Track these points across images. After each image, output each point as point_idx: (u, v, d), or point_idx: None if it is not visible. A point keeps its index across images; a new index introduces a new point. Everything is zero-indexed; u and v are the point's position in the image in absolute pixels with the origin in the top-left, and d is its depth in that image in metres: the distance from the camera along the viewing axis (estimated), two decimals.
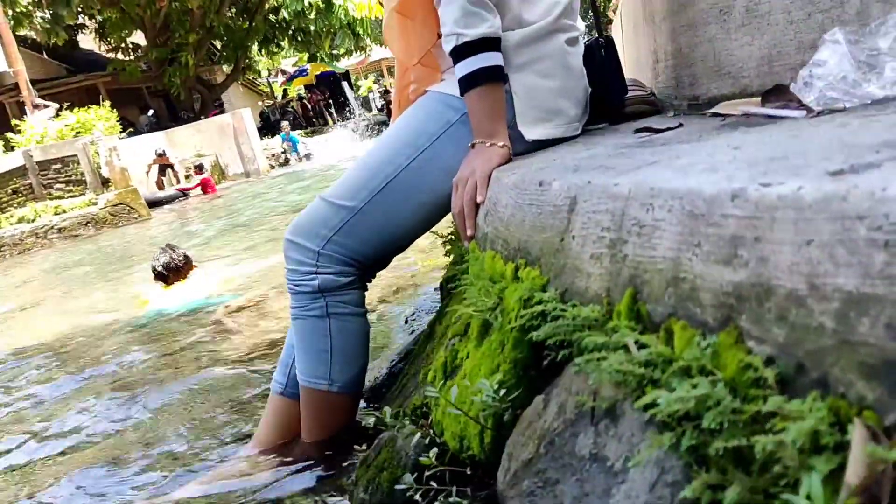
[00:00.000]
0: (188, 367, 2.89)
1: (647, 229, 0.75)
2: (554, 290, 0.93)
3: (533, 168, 1.20)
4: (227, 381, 2.57)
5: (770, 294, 0.57)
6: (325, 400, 1.60)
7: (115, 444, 2.22)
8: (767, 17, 1.19)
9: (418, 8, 1.51)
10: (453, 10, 1.38)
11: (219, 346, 3.12)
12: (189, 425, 2.23)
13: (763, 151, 0.75)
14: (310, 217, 1.55)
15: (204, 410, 2.35)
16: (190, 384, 2.65)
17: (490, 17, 1.40)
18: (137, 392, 2.68)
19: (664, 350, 0.67)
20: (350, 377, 1.59)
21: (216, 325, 3.51)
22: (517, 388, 0.98)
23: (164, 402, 2.54)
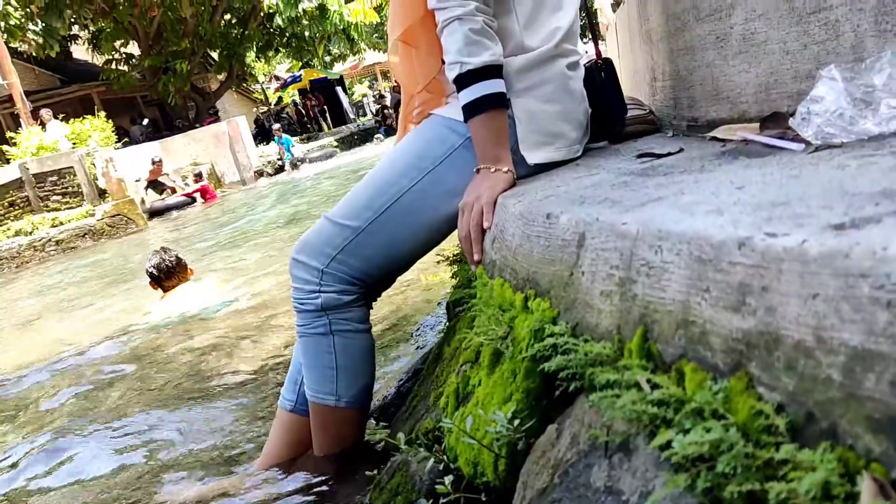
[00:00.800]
0: (191, 381, 2.91)
1: (655, 271, 0.78)
2: (565, 324, 0.96)
3: (538, 196, 1.23)
4: (234, 396, 2.59)
5: (778, 343, 0.60)
6: (333, 415, 1.63)
7: (119, 465, 2.24)
8: (763, 46, 1.22)
9: (422, 37, 1.54)
10: (456, 39, 1.42)
11: (222, 361, 3.14)
12: (196, 441, 2.26)
13: (766, 194, 0.78)
14: (314, 236, 1.59)
15: (211, 426, 2.38)
16: (193, 400, 2.68)
17: (492, 46, 1.43)
18: (140, 408, 2.71)
19: (677, 391, 0.70)
20: (356, 392, 1.63)
21: (218, 337, 3.54)
22: (530, 418, 1.01)
23: (168, 417, 2.56)
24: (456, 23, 1.41)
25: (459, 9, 1.41)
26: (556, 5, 1.56)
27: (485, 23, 1.43)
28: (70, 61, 21.29)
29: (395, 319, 2.88)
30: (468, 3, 1.41)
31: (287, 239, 7.15)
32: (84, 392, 3.16)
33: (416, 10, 1.51)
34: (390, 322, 2.88)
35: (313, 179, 13.75)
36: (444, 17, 1.43)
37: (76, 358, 3.83)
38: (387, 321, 2.88)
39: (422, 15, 1.51)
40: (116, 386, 3.12)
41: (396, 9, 1.56)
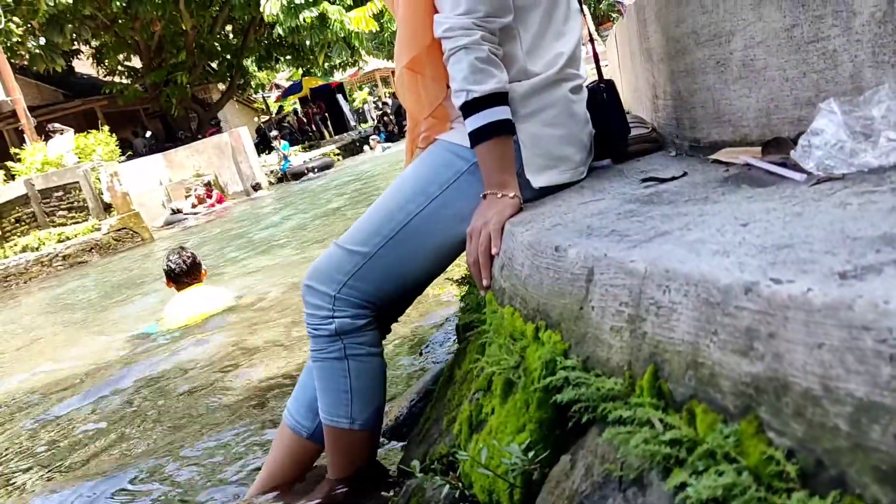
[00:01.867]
0: (194, 399, 2.94)
1: (664, 310, 0.80)
2: (576, 357, 0.98)
3: (546, 225, 1.25)
4: (235, 411, 2.62)
5: (787, 390, 0.62)
6: (348, 437, 1.65)
7: (124, 481, 2.26)
8: (763, 72, 1.24)
9: (427, 65, 1.56)
10: (462, 67, 1.44)
11: (231, 374, 3.17)
12: (198, 460, 2.28)
13: (770, 234, 0.80)
14: (325, 262, 1.61)
15: (214, 442, 2.40)
16: (197, 415, 2.70)
17: (498, 73, 1.46)
18: (147, 424, 2.73)
19: (689, 432, 0.72)
20: (369, 415, 1.65)
21: (225, 349, 3.57)
22: (544, 449, 1.03)
23: (174, 433, 2.59)
24: (462, 52, 1.44)
25: (465, 38, 1.43)
26: (558, 32, 1.58)
27: (490, 51, 1.45)
28: (72, 76, 21.38)
29: (403, 335, 2.91)
30: (474, 32, 1.43)
31: (295, 245, 7.21)
32: (87, 410, 3.19)
33: (423, 38, 1.54)
34: (399, 337, 2.90)
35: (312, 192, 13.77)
36: (451, 47, 1.45)
37: (83, 376, 3.86)
38: (396, 336, 2.90)
39: (428, 43, 1.53)
40: (122, 404, 3.14)
41: (403, 38, 1.58)
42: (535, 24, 1.55)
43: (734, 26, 1.29)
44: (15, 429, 3.32)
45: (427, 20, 1.51)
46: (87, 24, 18.72)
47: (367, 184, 12.49)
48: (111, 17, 18.84)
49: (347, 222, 7.73)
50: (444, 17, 1.46)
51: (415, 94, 1.62)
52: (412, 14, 1.54)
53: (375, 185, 11.83)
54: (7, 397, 4.00)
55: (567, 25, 1.61)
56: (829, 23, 1.09)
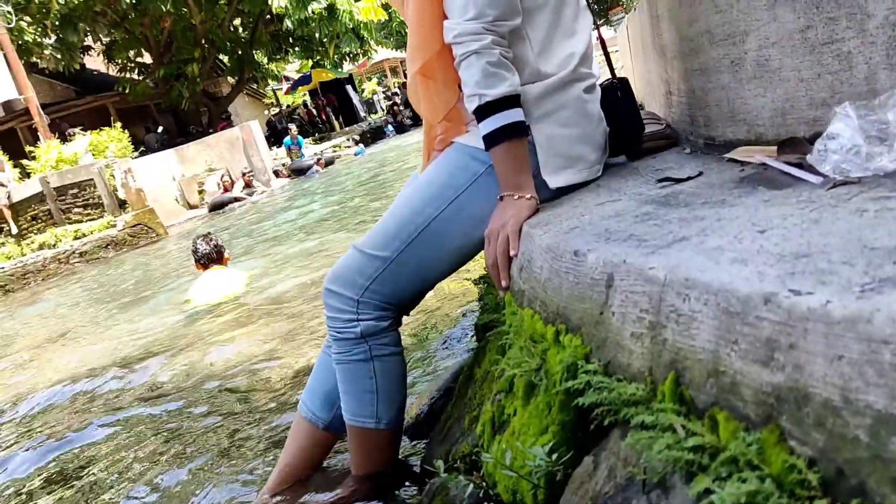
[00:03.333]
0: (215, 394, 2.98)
1: (684, 318, 0.82)
2: (597, 362, 1.00)
3: (564, 228, 1.27)
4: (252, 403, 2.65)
5: (808, 400, 0.64)
6: (374, 437, 1.68)
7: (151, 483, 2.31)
8: (778, 72, 1.25)
9: (438, 70, 1.58)
10: (474, 72, 1.46)
11: (257, 373, 3.21)
12: (213, 453, 2.32)
13: (788, 242, 0.81)
14: (346, 266, 1.63)
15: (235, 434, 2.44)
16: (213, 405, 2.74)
17: (510, 76, 1.47)
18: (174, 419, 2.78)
19: (712, 439, 0.74)
20: (394, 413, 1.68)
21: (245, 341, 3.62)
22: (567, 451, 1.05)
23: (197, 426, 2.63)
24: (473, 56, 1.45)
25: (476, 43, 1.44)
26: (569, 31, 1.59)
27: (501, 55, 1.46)
28: (84, 72, 21.47)
29: (421, 330, 2.93)
30: (484, 36, 1.45)
31: (311, 236, 7.26)
32: (112, 406, 3.25)
33: (433, 44, 1.55)
34: (417, 332, 2.92)
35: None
36: (462, 52, 1.47)
37: (112, 377, 3.92)
38: (413, 332, 2.93)
39: (438, 49, 1.55)
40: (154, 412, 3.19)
41: (414, 44, 1.60)
42: (545, 25, 1.56)
43: (748, 26, 1.30)
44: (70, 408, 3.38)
45: (437, 26, 1.52)
46: (100, 20, 18.80)
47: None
48: (121, 13, 18.91)
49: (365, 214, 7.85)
50: (454, 23, 1.47)
51: (428, 98, 1.64)
52: (422, 20, 1.55)
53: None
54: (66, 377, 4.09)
55: (577, 24, 1.62)
56: (843, 25, 1.10)
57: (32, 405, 3.73)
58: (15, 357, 5.52)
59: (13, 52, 15.04)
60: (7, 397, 4.15)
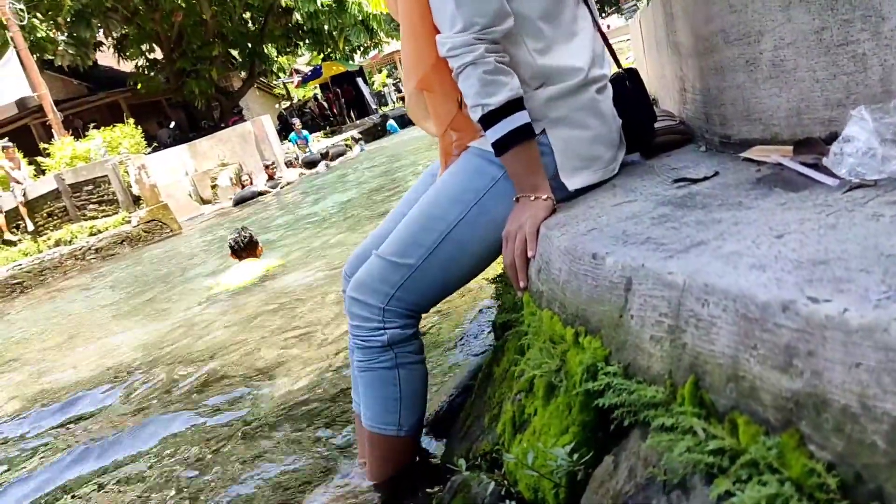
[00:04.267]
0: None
1: (704, 323, 0.84)
2: (617, 364, 1.02)
3: (581, 230, 1.28)
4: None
5: (826, 406, 0.66)
6: (394, 444, 1.69)
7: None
8: (793, 73, 1.26)
9: (435, 82, 1.59)
10: (473, 83, 1.46)
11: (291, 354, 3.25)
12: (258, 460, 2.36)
13: (806, 248, 0.83)
14: (370, 275, 1.64)
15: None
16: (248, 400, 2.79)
17: (509, 80, 1.46)
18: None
19: (732, 442, 0.76)
20: (415, 420, 1.70)
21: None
22: (588, 451, 1.08)
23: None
24: (469, 68, 1.45)
25: (470, 55, 1.44)
26: (570, 33, 1.57)
27: (496, 61, 1.46)
28: (96, 69, 21.60)
29: (437, 326, 2.95)
30: (476, 47, 1.44)
31: (326, 229, 7.33)
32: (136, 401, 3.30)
33: (427, 58, 1.56)
34: (434, 328, 2.95)
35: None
36: (457, 65, 1.47)
37: (141, 371, 3.97)
38: (430, 327, 2.95)
39: (433, 62, 1.55)
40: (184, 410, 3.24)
41: (408, 60, 1.60)
42: (540, 29, 1.52)
43: (763, 27, 1.31)
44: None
45: (430, 40, 1.52)
46: (112, 16, 18.90)
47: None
48: (131, 9, 19.00)
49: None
50: (445, 37, 1.47)
51: (431, 111, 1.65)
52: (414, 36, 1.56)
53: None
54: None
55: (578, 24, 1.60)
56: (857, 27, 1.11)
57: (78, 399, 3.79)
58: (42, 353, 5.60)
59: (26, 49, 15.16)
60: (36, 393, 4.22)
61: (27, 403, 4.04)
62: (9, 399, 4.31)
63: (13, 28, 14.86)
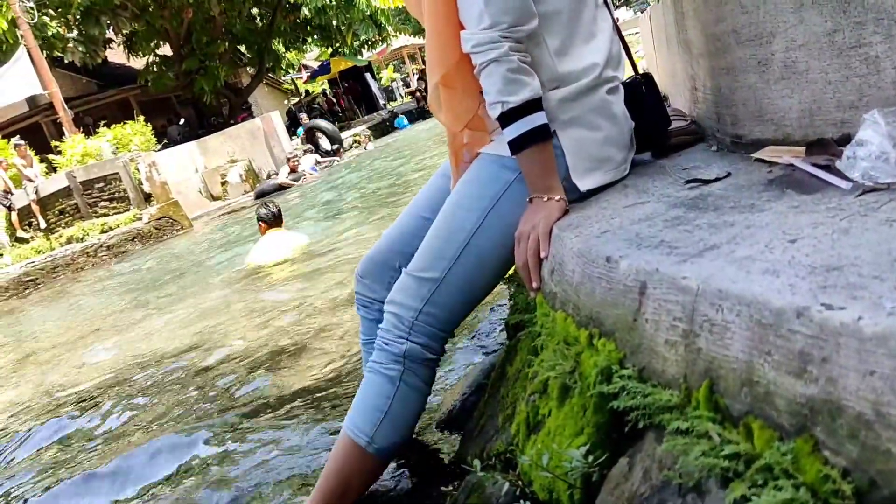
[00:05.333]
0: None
1: (718, 328, 0.85)
2: (632, 367, 1.03)
3: (594, 231, 1.29)
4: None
5: (841, 412, 0.67)
6: (356, 454, 1.62)
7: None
8: (805, 74, 1.26)
9: (458, 79, 1.60)
10: (495, 80, 1.47)
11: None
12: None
13: (819, 252, 0.84)
14: (401, 292, 1.64)
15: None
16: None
17: (530, 81, 1.48)
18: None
19: (747, 447, 0.77)
20: (388, 444, 1.62)
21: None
22: (603, 452, 1.09)
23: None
24: (493, 65, 1.47)
25: (494, 51, 1.46)
26: (588, 34, 1.59)
27: (520, 60, 1.48)
28: (105, 66, 21.69)
29: None
30: (501, 44, 1.46)
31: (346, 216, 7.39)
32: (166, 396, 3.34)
33: (451, 55, 1.57)
34: None
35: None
36: (481, 61, 1.48)
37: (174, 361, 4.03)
38: None
39: (456, 59, 1.57)
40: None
41: (432, 56, 1.61)
42: (562, 29, 1.55)
43: (775, 28, 1.31)
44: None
45: (454, 36, 1.54)
46: (121, 14, 18.97)
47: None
48: (141, 6, 19.07)
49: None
50: (471, 34, 1.49)
51: (450, 107, 1.66)
52: (439, 31, 1.57)
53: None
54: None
55: (596, 25, 1.62)
56: (870, 29, 1.11)
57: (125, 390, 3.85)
58: (60, 348, 5.66)
59: (36, 47, 15.23)
60: (56, 385, 4.27)
61: (46, 399, 4.09)
62: (28, 394, 4.36)
63: (24, 26, 14.93)
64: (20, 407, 4.13)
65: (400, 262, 1.86)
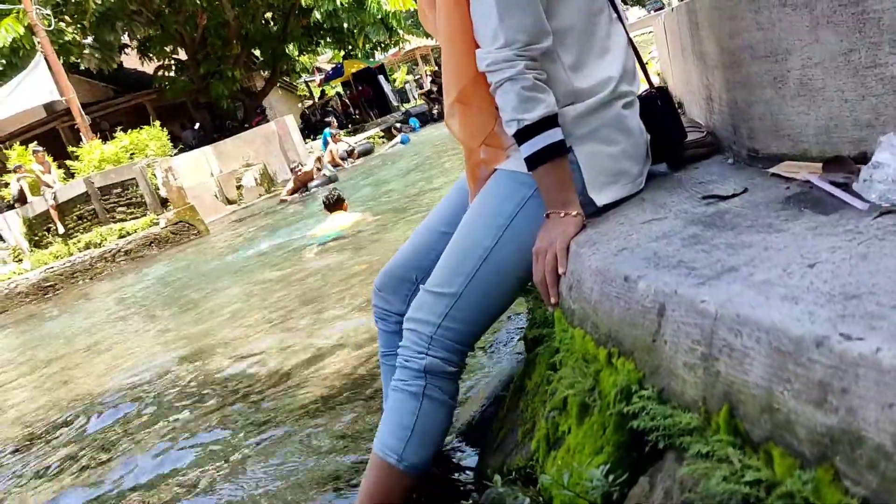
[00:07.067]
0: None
1: (737, 353, 0.86)
2: (652, 388, 1.04)
3: (612, 248, 1.30)
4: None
5: (861, 443, 0.68)
6: (389, 473, 1.64)
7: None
8: (822, 92, 1.27)
9: (474, 95, 1.62)
10: (511, 98, 1.49)
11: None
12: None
13: (838, 279, 0.84)
14: (419, 308, 1.66)
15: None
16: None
17: (546, 98, 1.50)
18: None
19: (768, 474, 0.78)
20: (419, 460, 1.63)
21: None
22: (623, 472, 1.10)
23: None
24: (508, 83, 1.49)
25: (510, 70, 1.48)
26: (602, 49, 1.61)
27: (535, 78, 1.49)
28: (121, 71, 21.88)
29: None
30: (517, 62, 1.48)
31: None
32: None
33: (467, 72, 1.59)
34: None
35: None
36: (496, 80, 1.50)
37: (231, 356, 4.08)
38: None
39: (472, 76, 1.59)
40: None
41: (448, 74, 1.63)
42: (576, 44, 1.57)
43: (791, 45, 1.32)
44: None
45: (469, 54, 1.56)
46: (136, 19, 19.13)
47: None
48: (155, 11, 19.22)
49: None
50: (486, 52, 1.51)
51: (466, 124, 1.68)
52: (455, 50, 1.59)
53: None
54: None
55: (611, 40, 1.64)
56: (886, 50, 1.12)
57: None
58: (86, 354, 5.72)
59: (54, 54, 15.38)
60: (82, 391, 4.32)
61: (71, 403, 4.15)
62: (53, 398, 4.41)
63: (41, 33, 15.08)
64: (44, 413, 4.19)
65: (417, 275, 1.88)
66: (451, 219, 1.83)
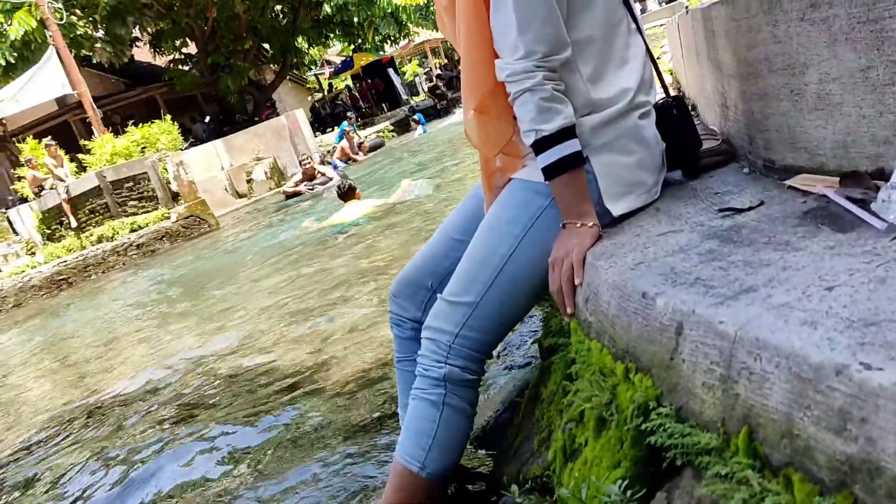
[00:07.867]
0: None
1: (756, 377, 0.87)
2: (669, 406, 1.05)
3: (629, 262, 1.31)
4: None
5: (880, 473, 0.69)
6: (411, 480, 1.66)
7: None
8: (839, 107, 1.27)
9: (493, 106, 1.63)
10: (529, 109, 1.50)
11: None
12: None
13: (856, 303, 0.85)
14: (436, 318, 1.67)
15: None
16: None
17: (564, 109, 1.51)
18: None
19: (788, 499, 0.79)
20: (441, 466, 1.65)
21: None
22: (641, 487, 1.11)
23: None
24: (527, 94, 1.50)
25: (529, 81, 1.49)
26: (621, 60, 1.62)
27: (553, 89, 1.50)
28: (132, 64, 21.95)
29: None
30: (536, 73, 1.49)
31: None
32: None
33: (486, 82, 1.60)
34: None
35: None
36: (516, 90, 1.52)
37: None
38: None
39: (491, 86, 1.60)
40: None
41: (468, 83, 1.64)
42: (595, 55, 1.58)
43: (808, 60, 1.32)
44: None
45: (489, 65, 1.57)
46: (146, 13, 19.19)
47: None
48: (166, 4, 19.27)
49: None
50: (505, 63, 1.52)
51: (484, 133, 1.68)
52: (474, 61, 1.60)
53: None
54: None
55: (629, 52, 1.64)
56: None
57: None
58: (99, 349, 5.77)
59: (66, 48, 15.44)
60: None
61: (85, 398, 4.19)
62: (68, 393, 4.46)
63: (53, 27, 15.15)
64: (59, 408, 4.24)
65: (432, 281, 1.90)
66: (465, 225, 1.85)
